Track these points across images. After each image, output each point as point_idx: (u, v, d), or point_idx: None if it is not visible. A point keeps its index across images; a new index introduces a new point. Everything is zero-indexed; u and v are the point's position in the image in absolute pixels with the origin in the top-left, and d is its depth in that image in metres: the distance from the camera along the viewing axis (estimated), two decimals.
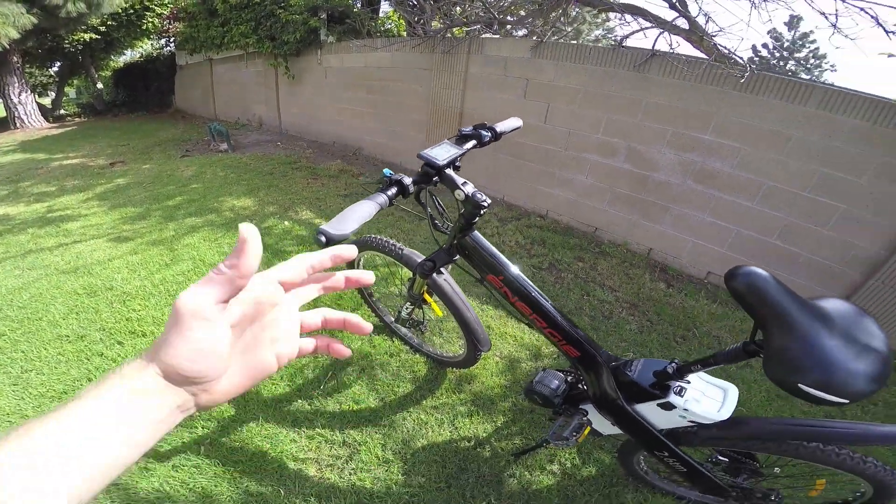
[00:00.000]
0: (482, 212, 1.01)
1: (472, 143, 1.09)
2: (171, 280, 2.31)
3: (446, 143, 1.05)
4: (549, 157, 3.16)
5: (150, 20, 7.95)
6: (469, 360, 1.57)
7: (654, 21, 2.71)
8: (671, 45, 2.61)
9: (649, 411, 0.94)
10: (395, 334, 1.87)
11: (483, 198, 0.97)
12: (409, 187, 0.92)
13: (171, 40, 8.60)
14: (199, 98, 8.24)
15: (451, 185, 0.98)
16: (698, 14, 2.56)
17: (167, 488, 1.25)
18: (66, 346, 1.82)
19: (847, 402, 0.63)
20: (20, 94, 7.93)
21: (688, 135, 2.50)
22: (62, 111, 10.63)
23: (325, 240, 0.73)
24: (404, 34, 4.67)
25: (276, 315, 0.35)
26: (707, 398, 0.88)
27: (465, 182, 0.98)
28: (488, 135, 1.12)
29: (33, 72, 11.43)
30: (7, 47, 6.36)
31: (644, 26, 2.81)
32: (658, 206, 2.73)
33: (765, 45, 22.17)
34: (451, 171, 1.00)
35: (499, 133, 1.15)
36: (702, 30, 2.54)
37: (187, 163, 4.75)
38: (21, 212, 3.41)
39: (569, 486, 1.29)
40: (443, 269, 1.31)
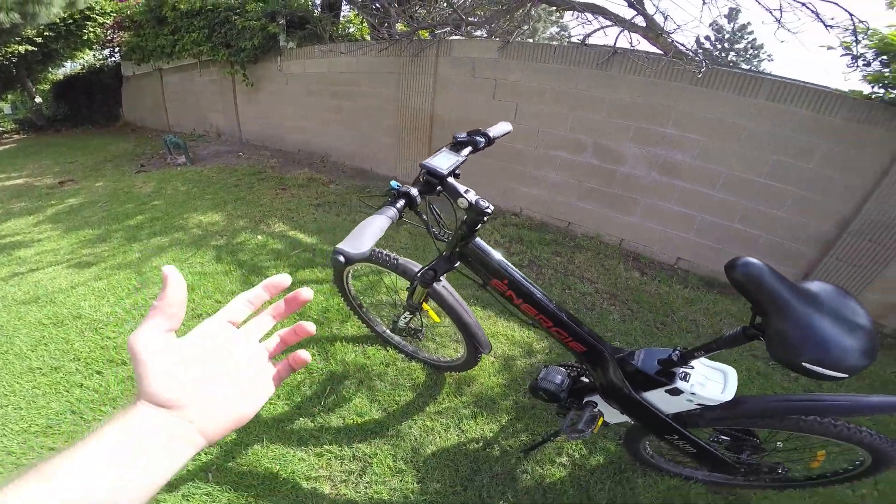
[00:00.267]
0: (485, 218, 1.02)
1: (469, 149, 1.11)
2: (143, 305, 2.19)
3: (445, 150, 1.06)
4: (520, 156, 3.22)
5: (92, 30, 7.38)
6: (469, 362, 1.58)
7: (614, 20, 2.82)
8: (631, 43, 2.73)
9: (657, 398, 0.99)
10: (388, 343, 1.85)
11: (486, 205, 0.97)
12: (417, 199, 0.92)
13: (116, 50, 8.06)
14: (149, 109, 7.81)
15: (454, 194, 0.98)
16: (655, 12, 2.69)
17: None
18: (40, 378, 1.70)
19: (846, 376, 0.69)
20: None
21: (651, 129, 2.62)
22: None
23: (344, 259, 0.72)
24: (367, 38, 4.61)
25: (243, 347, 0.39)
26: (710, 381, 0.94)
27: (468, 190, 0.99)
28: (483, 140, 1.15)
29: None
30: None
31: (604, 24, 2.92)
32: (626, 198, 2.85)
33: (707, 38, 23.50)
34: (452, 180, 1.00)
35: (492, 138, 1.18)
36: (659, 27, 2.67)
37: (144, 178, 4.50)
38: None
39: (581, 476, 1.34)
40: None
